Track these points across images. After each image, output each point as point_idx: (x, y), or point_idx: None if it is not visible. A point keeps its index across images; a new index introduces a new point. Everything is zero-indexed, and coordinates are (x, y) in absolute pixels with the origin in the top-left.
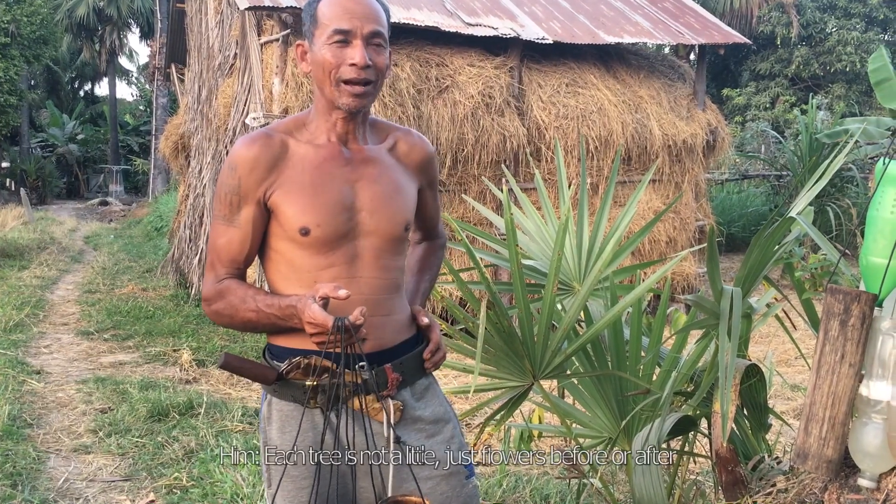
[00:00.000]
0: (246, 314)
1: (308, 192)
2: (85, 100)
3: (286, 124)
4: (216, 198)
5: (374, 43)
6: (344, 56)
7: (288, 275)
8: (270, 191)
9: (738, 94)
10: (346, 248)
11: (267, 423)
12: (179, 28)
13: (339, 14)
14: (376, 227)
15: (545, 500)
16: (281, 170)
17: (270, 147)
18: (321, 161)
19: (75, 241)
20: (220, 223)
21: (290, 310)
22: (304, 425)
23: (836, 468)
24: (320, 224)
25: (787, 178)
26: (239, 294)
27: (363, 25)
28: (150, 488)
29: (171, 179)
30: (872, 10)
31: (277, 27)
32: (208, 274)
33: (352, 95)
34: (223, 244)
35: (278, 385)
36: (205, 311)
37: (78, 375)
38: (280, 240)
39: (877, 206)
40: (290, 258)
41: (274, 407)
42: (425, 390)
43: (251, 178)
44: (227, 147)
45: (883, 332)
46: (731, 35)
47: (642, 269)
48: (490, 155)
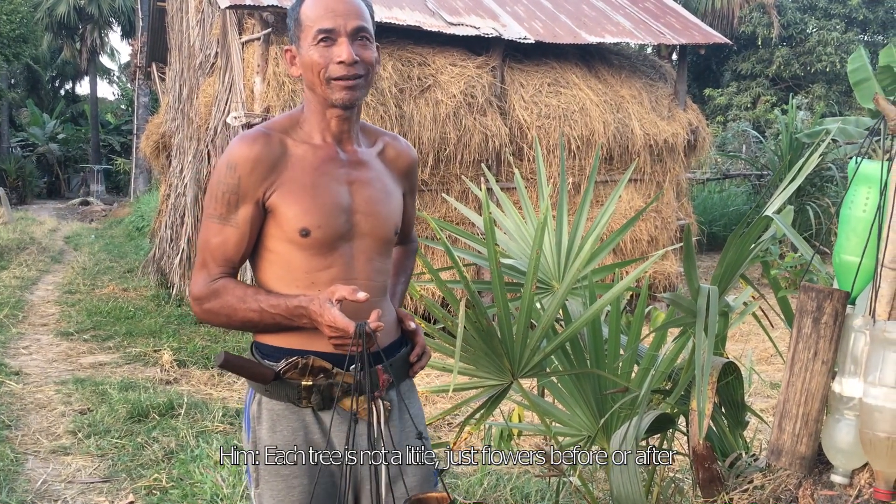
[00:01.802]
0: (247, 314)
1: (308, 194)
2: (66, 99)
3: (281, 123)
4: (210, 196)
5: (359, 38)
6: (331, 55)
7: (283, 276)
8: (270, 191)
9: (719, 94)
10: (343, 250)
11: (256, 422)
12: (160, 27)
13: (321, 14)
14: (371, 229)
15: (525, 499)
16: (280, 170)
17: (270, 146)
18: (319, 162)
19: (55, 242)
20: (214, 222)
21: (300, 310)
22: (294, 424)
23: (809, 464)
24: (321, 225)
25: (768, 177)
26: (237, 293)
27: (347, 23)
28: (129, 489)
29: (152, 179)
30: (852, 11)
31: (259, 26)
32: (199, 273)
33: (344, 89)
34: (218, 243)
35: (271, 384)
36: (194, 311)
37: (57, 376)
38: (277, 241)
39: (849, 205)
40: (288, 259)
41: (264, 406)
42: (409, 391)
43: (251, 178)
44: (209, 146)
45: (855, 330)
46: (711, 35)
47: (622, 268)
48: (472, 154)
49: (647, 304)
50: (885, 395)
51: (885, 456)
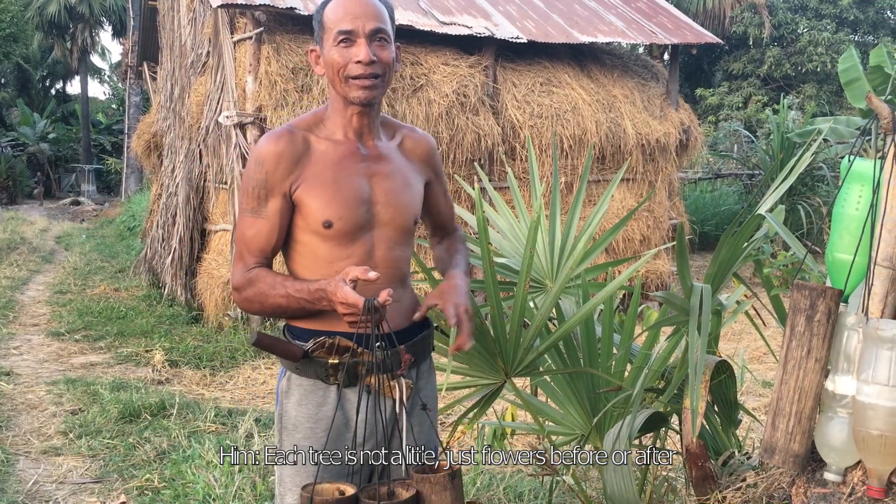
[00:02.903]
0: (276, 299)
1: (330, 188)
2: (56, 98)
3: (306, 121)
4: (242, 192)
5: (377, 39)
6: (350, 55)
7: (310, 265)
8: (296, 185)
9: (711, 93)
10: (363, 240)
11: (285, 396)
12: (152, 26)
13: (341, 16)
14: (390, 219)
15: (518, 498)
16: (304, 165)
17: (294, 143)
18: (340, 157)
19: (46, 242)
20: (247, 216)
21: (320, 293)
22: (319, 399)
23: (802, 462)
24: (342, 217)
25: (760, 177)
26: (268, 281)
27: (365, 24)
28: (121, 490)
29: (143, 179)
30: (843, 12)
31: (251, 25)
32: (237, 264)
33: (361, 88)
34: (252, 235)
35: (301, 363)
36: (235, 300)
37: (48, 377)
38: (303, 232)
39: (842, 203)
40: (314, 249)
41: (293, 382)
42: (427, 372)
43: (277, 173)
44: (200, 146)
45: (848, 328)
46: (703, 35)
47: (615, 267)
48: (465, 154)
49: (639, 303)
50: (878, 392)
51: (879, 453)
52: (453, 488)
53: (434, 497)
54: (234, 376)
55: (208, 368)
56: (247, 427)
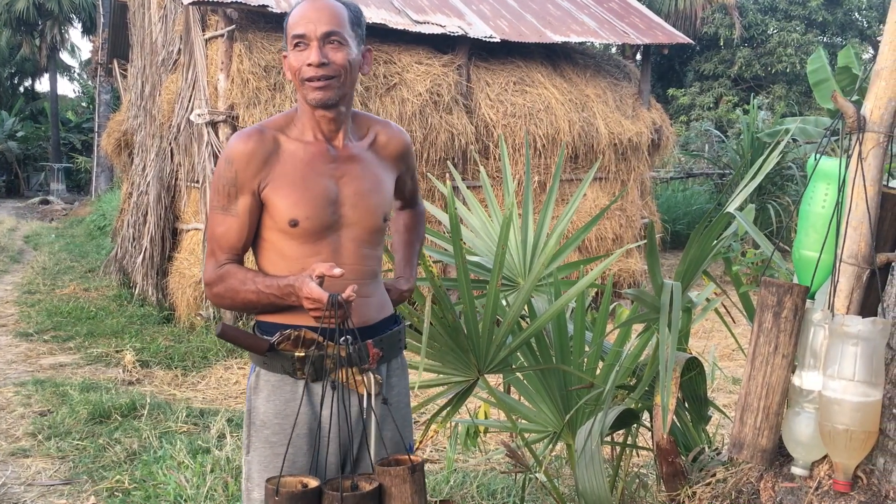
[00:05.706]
0: (247, 295)
1: (298, 187)
2: (25, 96)
3: (277, 121)
4: (213, 190)
5: (330, 42)
6: (303, 58)
7: (277, 262)
8: (264, 184)
9: (682, 94)
10: (330, 239)
11: (254, 392)
12: (122, 23)
13: (296, 21)
14: (359, 219)
15: (492, 496)
16: (273, 165)
17: (264, 143)
18: (310, 158)
19: (14, 241)
20: (218, 213)
21: (288, 288)
22: (287, 395)
23: (770, 457)
24: (308, 217)
25: (730, 176)
26: (239, 277)
27: (317, 28)
28: (91, 491)
29: (114, 177)
30: (812, 13)
31: (223, 22)
32: (209, 261)
33: (315, 89)
34: (222, 232)
35: (268, 357)
36: (207, 295)
37: (16, 378)
38: (271, 230)
39: (809, 202)
40: (280, 247)
41: (262, 378)
42: (400, 369)
43: (247, 171)
44: (172, 144)
45: (815, 324)
46: (675, 35)
47: (587, 265)
48: (438, 153)
49: (611, 301)
50: (843, 387)
51: (844, 448)
52: (413, 481)
53: (394, 490)
54: (207, 376)
55: (180, 368)
56: (219, 427)
